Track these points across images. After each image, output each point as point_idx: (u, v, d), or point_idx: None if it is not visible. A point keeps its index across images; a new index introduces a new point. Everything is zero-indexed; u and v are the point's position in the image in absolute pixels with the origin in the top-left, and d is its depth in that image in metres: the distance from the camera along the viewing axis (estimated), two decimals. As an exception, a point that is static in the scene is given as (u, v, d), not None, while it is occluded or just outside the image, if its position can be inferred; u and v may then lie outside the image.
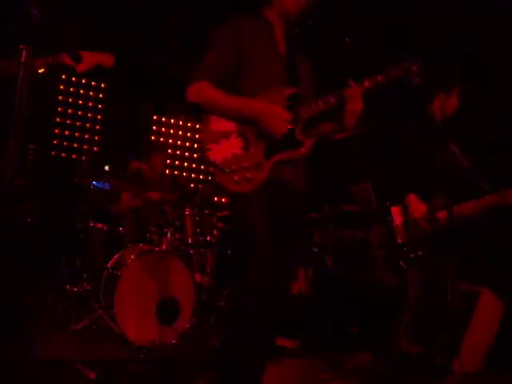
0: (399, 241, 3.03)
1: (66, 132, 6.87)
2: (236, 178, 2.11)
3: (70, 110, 6.89)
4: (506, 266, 4.19)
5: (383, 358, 3.27)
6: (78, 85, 6.92)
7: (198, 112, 2.21)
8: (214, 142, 2.15)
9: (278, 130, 2.13)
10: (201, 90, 2.19)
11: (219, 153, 2.14)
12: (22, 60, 1.89)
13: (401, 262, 3.02)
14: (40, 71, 2.56)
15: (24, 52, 1.89)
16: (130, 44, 5.78)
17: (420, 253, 3.01)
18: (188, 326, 3.72)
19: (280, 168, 2.18)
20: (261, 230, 2.12)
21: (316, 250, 5.27)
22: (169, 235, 4.17)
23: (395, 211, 3.09)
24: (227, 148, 2.14)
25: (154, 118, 7.66)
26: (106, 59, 2.75)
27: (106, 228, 4.37)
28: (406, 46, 4.70)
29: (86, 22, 5.58)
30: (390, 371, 3.21)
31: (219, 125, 2.17)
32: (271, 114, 2.13)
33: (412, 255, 3.00)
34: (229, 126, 2.17)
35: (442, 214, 3.05)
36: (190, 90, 2.21)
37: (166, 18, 5.75)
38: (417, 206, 3.05)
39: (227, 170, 2.12)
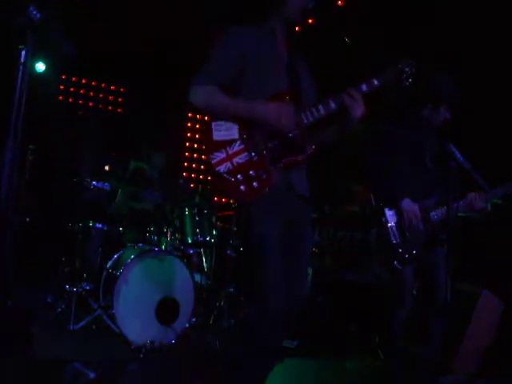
0: (394, 242, 3.04)
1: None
2: (242, 187, 2.06)
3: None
4: (506, 267, 4.19)
5: (383, 358, 3.27)
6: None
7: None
8: (216, 150, 2.10)
9: (289, 126, 2.11)
10: (208, 94, 2.16)
11: (223, 162, 2.09)
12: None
13: (396, 263, 3.02)
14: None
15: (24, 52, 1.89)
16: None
17: (414, 252, 3.02)
18: (187, 325, 3.72)
19: (286, 175, 2.16)
20: (271, 240, 2.07)
21: (316, 250, 5.27)
22: (169, 235, 4.17)
23: (389, 212, 3.10)
24: (231, 157, 2.10)
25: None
26: None
27: (105, 228, 4.37)
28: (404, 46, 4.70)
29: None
30: (389, 371, 3.20)
31: (221, 134, 2.13)
32: (281, 110, 2.11)
33: (407, 256, 3.01)
34: (231, 134, 2.13)
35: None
36: (195, 93, 2.18)
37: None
38: (410, 207, 3.06)
39: (232, 180, 2.06)
